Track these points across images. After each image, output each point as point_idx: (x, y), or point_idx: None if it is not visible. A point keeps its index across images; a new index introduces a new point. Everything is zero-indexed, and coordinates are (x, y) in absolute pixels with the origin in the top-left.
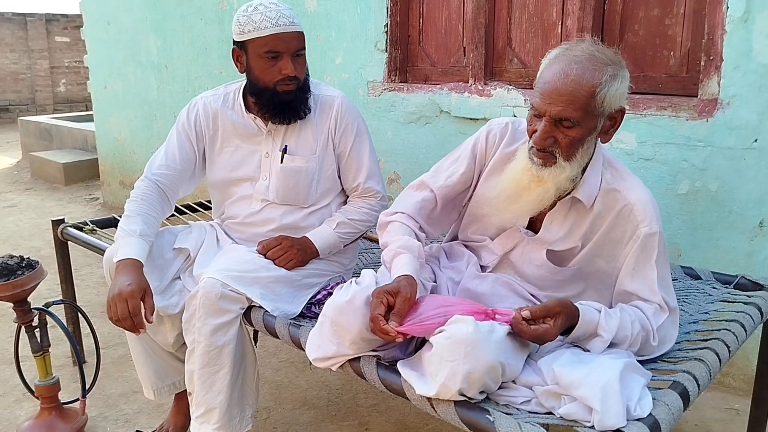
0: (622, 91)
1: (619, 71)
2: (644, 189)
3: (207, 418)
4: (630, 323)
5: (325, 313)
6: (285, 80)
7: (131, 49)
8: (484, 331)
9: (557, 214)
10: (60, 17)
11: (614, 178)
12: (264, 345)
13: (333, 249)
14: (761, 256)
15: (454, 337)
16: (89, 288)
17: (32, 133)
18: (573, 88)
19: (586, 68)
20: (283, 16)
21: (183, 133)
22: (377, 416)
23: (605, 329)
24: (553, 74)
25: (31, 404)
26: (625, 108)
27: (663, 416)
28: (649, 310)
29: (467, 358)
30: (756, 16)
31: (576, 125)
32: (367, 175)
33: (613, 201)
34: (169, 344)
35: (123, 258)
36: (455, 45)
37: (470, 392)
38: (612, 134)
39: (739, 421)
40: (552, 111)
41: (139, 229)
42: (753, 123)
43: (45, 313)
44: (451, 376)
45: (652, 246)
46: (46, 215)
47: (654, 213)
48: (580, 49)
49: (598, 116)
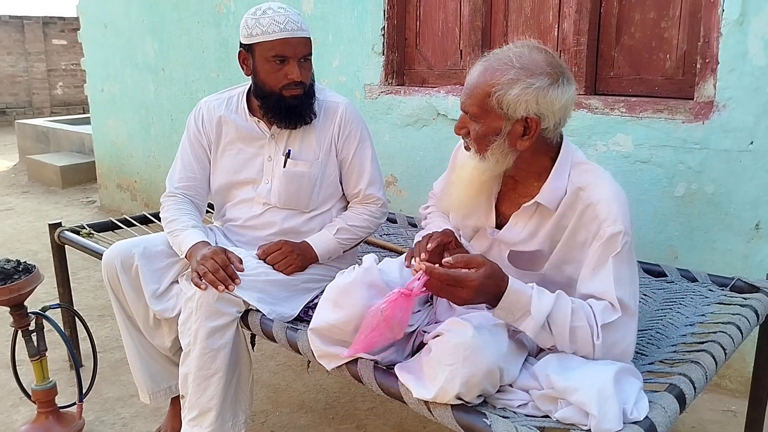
0: (529, 99)
1: (526, 78)
2: (610, 187)
3: (199, 422)
4: (570, 311)
5: (327, 296)
6: (291, 85)
7: (128, 52)
8: (483, 335)
9: (522, 216)
10: (57, 20)
11: (580, 178)
12: (261, 348)
13: (332, 254)
14: (757, 259)
15: (453, 341)
16: (86, 291)
17: (29, 136)
18: (473, 84)
19: (490, 68)
20: (291, 21)
21: (195, 141)
22: (375, 419)
23: (537, 307)
24: (472, 68)
25: (28, 408)
26: (540, 118)
27: (659, 419)
28: (597, 306)
29: (466, 362)
30: (751, 19)
31: (477, 120)
32: (369, 182)
33: (577, 201)
34: (166, 348)
35: (191, 245)
36: (452, 48)
37: (468, 396)
38: (527, 142)
39: (735, 423)
40: (461, 102)
41: (190, 223)
42: (749, 125)
43: (42, 317)
44: (450, 380)
45: (616, 245)
46: (43, 218)
47: (619, 211)
48: (505, 51)
49: (502, 118)
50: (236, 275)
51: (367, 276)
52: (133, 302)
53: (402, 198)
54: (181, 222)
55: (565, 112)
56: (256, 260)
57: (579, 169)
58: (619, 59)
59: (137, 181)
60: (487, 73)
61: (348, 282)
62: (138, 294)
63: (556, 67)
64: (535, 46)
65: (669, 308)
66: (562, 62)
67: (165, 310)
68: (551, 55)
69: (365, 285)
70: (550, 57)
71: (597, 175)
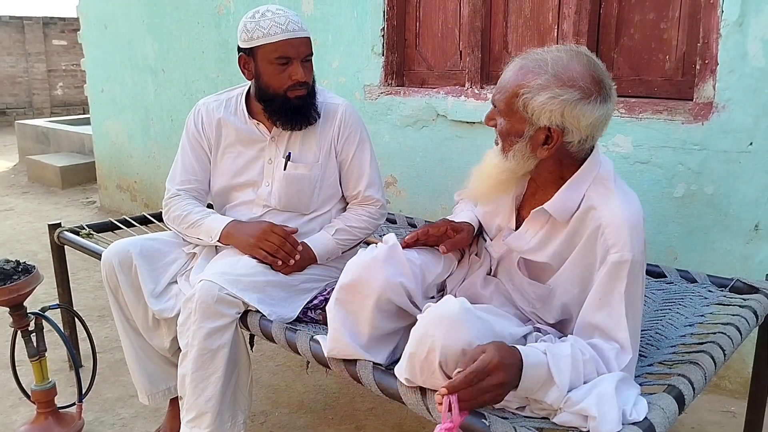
0: (554, 109)
1: (555, 87)
2: (623, 209)
3: (197, 423)
4: (582, 363)
5: (348, 269)
6: (295, 86)
7: (128, 52)
8: (468, 313)
9: (533, 223)
10: (57, 20)
11: (598, 195)
12: (261, 349)
13: (331, 255)
14: (757, 259)
15: (436, 312)
16: (86, 292)
17: (29, 136)
18: (506, 80)
19: (524, 68)
20: (292, 22)
21: (195, 141)
22: (374, 420)
23: (558, 376)
24: (510, 63)
25: (28, 409)
26: (564, 131)
27: (658, 420)
28: (610, 352)
29: (448, 334)
30: (751, 20)
31: (503, 116)
32: (368, 184)
33: (589, 220)
34: (165, 348)
35: (223, 227)
36: (452, 49)
37: (449, 368)
38: (547, 152)
39: (735, 424)
40: (492, 95)
41: (208, 211)
42: (748, 126)
43: (41, 317)
44: (431, 350)
45: (622, 275)
46: (43, 219)
47: (629, 237)
48: (545, 52)
49: (526, 121)
50: (297, 244)
51: (390, 252)
52: (132, 302)
53: (401, 199)
54: (197, 213)
55: (593, 130)
56: (254, 261)
57: (599, 185)
58: (619, 60)
59: (137, 182)
60: (521, 72)
61: (371, 257)
62: (137, 294)
63: (593, 82)
64: (578, 52)
65: (668, 309)
66: (605, 76)
67: (164, 310)
68: (593, 67)
69: (388, 260)
70: (591, 69)
71: (613, 194)
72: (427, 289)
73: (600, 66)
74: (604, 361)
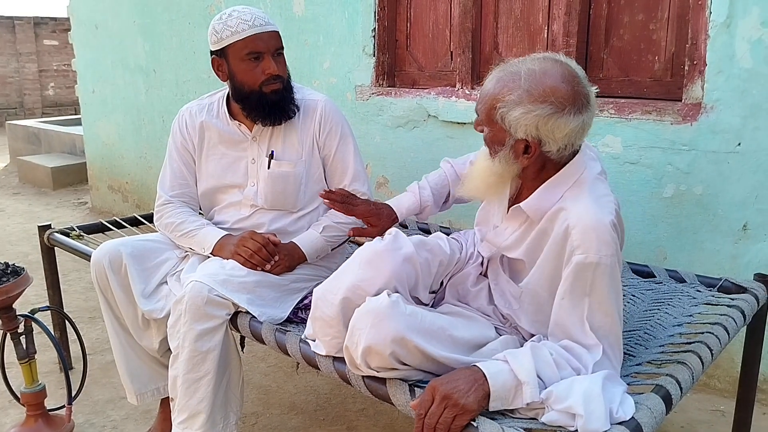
0: (528, 124)
1: (527, 103)
2: (593, 212)
3: (189, 424)
4: (550, 357)
5: (358, 256)
6: (270, 80)
7: (119, 53)
8: (398, 306)
9: (512, 221)
10: (48, 20)
11: (572, 197)
12: (252, 350)
13: (320, 253)
14: (745, 259)
15: (366, 307)
16: (77, 293)
17: (20, 137)
18: (485, 92)
19: (501, 81)
20: (258, 17)
21: (181, 147)
22: (365, 420)
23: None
24: (490, 73)
25: (17, 411)
26: (539, 141)
27: (645, 419)
28: (580, 350)
29: (372, 329)
30: (738, 22)
31: (485, 125)
32: (353, 178)
33: (558, 220)
34: (154, 349)
35: (219, 237)
36: (442, 49)
37: (375, 363)
38: (528, 160)
39: (724, 423)
40: (476, 103)
41: (204, 221)
42: (736, 127)
43: (31, 319)
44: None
45: (585, 277)
46: (33, 220)
47: (596, 240)
48: (520, 64)
49: (506, 131)
50: (275, 252)
51: (396, 242)
52: (122, 302)
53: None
54: (192, 223)
55: (570, 139)
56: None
57: (577, 188)
58: (608, 61)
59: (128, 183)
60: (498, 85)
61: (380, 247)
62: (127, 294)
63: (567, 94)
64: (555, 62)
65: (657, 309)
66: (581, 86)
67: (154, 310)
68: (567, 78)
69: (395, 251)
70: (566, 80)
71: (585, 197)
72: (433, 282)
73: (577, 74)
74: (578, 359)
